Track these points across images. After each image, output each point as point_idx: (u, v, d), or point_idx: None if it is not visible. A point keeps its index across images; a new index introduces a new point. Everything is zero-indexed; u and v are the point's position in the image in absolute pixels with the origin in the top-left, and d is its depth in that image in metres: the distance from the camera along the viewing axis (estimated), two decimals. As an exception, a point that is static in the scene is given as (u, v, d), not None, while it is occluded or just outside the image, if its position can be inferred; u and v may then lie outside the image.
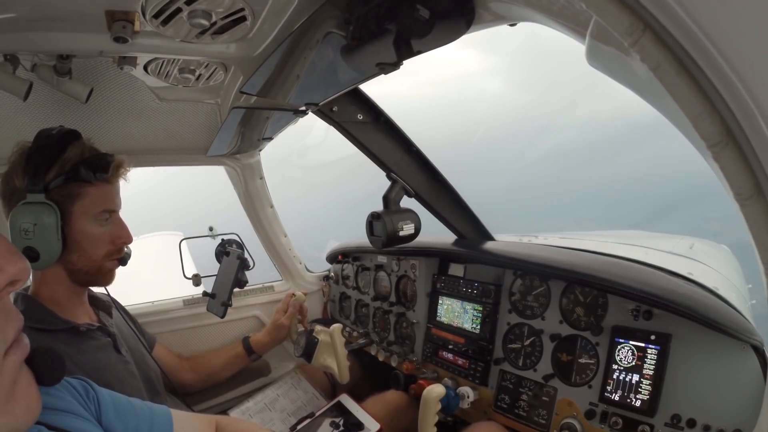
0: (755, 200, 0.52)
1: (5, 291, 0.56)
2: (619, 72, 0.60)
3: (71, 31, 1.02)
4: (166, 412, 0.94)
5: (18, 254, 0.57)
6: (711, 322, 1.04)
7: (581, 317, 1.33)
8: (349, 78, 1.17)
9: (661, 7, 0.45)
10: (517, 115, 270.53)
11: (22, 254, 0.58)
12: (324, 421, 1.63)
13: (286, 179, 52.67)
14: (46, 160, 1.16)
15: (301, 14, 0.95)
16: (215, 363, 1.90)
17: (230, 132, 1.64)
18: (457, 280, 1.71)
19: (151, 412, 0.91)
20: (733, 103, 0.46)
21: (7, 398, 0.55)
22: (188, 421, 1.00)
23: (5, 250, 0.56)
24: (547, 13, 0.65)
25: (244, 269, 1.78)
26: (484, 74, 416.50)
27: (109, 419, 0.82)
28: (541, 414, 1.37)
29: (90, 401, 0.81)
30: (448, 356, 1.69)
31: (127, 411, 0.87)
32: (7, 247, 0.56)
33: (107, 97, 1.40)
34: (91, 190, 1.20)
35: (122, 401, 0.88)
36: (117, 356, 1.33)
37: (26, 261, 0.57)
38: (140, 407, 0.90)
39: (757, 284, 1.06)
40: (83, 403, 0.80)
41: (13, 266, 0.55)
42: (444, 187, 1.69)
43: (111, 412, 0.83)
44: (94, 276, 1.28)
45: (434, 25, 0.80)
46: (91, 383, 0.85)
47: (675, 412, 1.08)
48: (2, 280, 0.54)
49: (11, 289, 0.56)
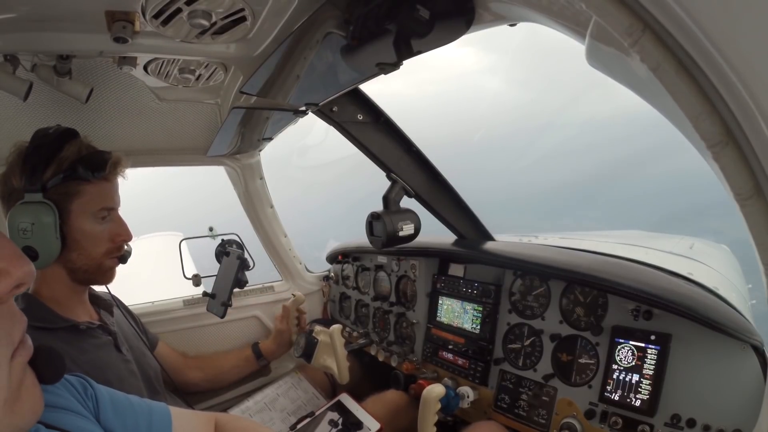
0: (755, 200, 0.52)
1: (11, 294, 0.55)
2: (619, 72, 0.60)
3: (71, 32, 1.01)
4: (165, 410, 0.94)
5: (23, 257, 0.57)
6: (711, 322, 1.04)
7: (581, 317, 1.34)
8: (349, 78, 1.17)
9: (661, 7, 0.45)
10: (517, 114, 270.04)
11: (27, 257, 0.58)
12: (324, 421, 1.63)
13: (286, 179, 52.62)
14: (43, 159, 1.15)
15: (301, 14, 0.95)
16: (224, 364, 1.92)
17: (230, 132, 1.64)
18: (457, 280, 1.71)
19: (149, 409, 0.91)
20: (733, 103, 0.46)
21: (14, 399, 0.56)
22: (187, 419, 0.99)
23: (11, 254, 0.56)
24: (547, 13, 0.65)
25: (244, 269, 1.79)
26: (484, 72, 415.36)
27: (107, 416, 0.82)
28: (541, 414, 1.37)
29: (88, 399, 0.81)
30: (448, 356, 1.69)
31: (126, 408, 0.87)
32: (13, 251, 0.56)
33: (107, 98, 1.40)
34: (89, 188, 1.20)
35: (120, 398, 0.88)
36: (117, 355, 1.33)
37: (31, 264, 0.57)
38: (139, 404, 0.90)
39: (757, 284, 1.06)
40: (81, 400, 0.80)
41: (19, 269, 0.55)
42: (444, 187, 1.69)
43: (109, 409, 0.83)
44: (94, 274, 1.27)
45: (434, 25, 0.80)
46: (89, 380, 0.85)
47: (675, 412, 1.08)
48: (9, 283, 0.54)
49: (16, 292, 0.56)
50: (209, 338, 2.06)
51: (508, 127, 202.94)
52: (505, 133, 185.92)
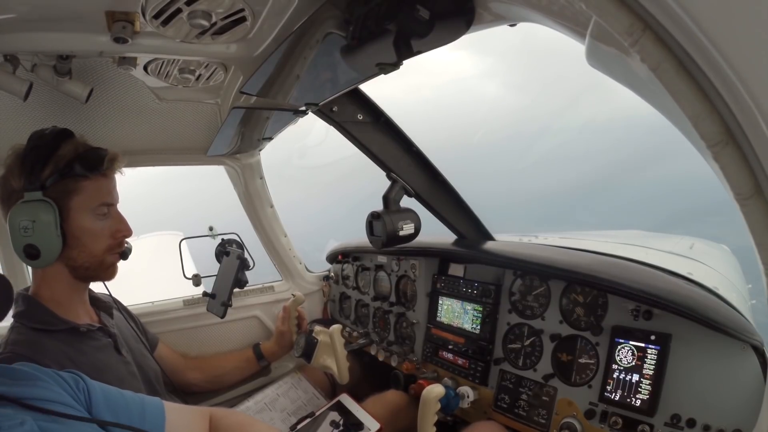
0: (755, 200, 0.52)
1: None
2: (619, 72, 0.60)
3: (71, 32, 1.02)
4: (158, 403, 0.94)
5: None
6: (711, 322, 1.04)
7: (581, 317, 1.34)
8: (349, 78, 1.17)
9: (661, 7, 0.45)
10: (515, 117, 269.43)
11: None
12: (324, 421, 1.63)
13: (286, 179, 52.64)
14: (40, 158, 1.16)
15: (301, 14, 0.95)
16: (224, 366, 1.92)
17: (230, 132, 1.64)
18: (457, 280, 1.71)
19: (142, 403, 0.91)
20: (733, 103, 0.46)
21: None
22: (181, 413, 0.99)
23: None
24: (547, 13, 0.65)
25: (244, 269, 1.78)
26: (482, 77, 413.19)
27: (100, 409, 0.82)
28: (541, 414, 1.37)
29: (80, 391, 0.82)
30: (448, 356, 1.69)
31: (118, 401, 0.87)
32: None
33: (107, 98, 1.41)
34: (87, 184, 1.20)
35: (113, 392, 0.88)
36: (117, 357, 1.33)
37: None
38: (131, 398, 0.91)
39: (757, 284, 1.06)
40: (72, 393, 0.80)
41: None
42: (444, 186, 1.69)
43: (101, 402, 0.83)
44: (95, 271, 1.28)
45: (434, 26, 0.80)
46: (82, 375, 0.85)
47: (675, 412, 1.08)
48: None
49: None
50: (209, 338, 2.06)
51: (508, 130, 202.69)
52: (505, 136, 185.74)
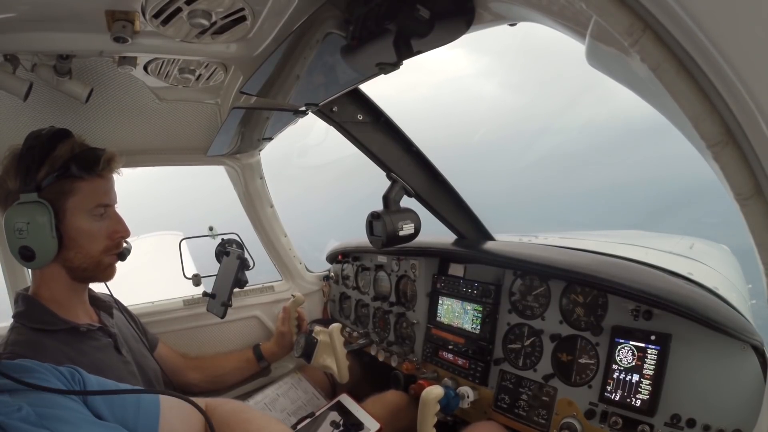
0: (755, 200, 0.52)
1: None
2: (619, 72, 0.60)
3: (71, 31, 1.02)
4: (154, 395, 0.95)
5: None
6: (711, 322, 1.04)
7: (581, 317, 1.33)
8: (349, 78, 1.17)
9: (661, 7, 0.45)
10: (515, 116, 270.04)
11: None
12: (324, 421, 1.63)
13: (286, 179, 52.65)
14: (36, 159, 1.15)
15: (301, 14, 0.95)
16: (224, 366, 1.91)
17: (230, 132, 1.64)
18: (457, 280, 1.71)
19: (137, 395, 0.91)
20: (733, 103, 0.46)
21: None
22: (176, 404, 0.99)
23: None
24: (547, 13, 0.65)
25: (244, 269, 1.78)
26: (479, 75, 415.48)
27: (95, 401, 0.82)
28: (541, 414, 1.37)
29: (75, 383, 0.82)
30: (448, 356, 1.69)
31: None
32: None
33: (107, 97, 1.40)
34: (84, 185, 1.19)
35: (109, 384, 0.89)
36: (117, 357, 1.33)
37: None
38: None
39: (757, 284, 1.06)
40: (68, 384, 0.81)
41: None
42: (444, 186, 1.69)
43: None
44: (93, 272, 1.27)
45: (434, 25, 0.80)
46: (78, 369, 0.85)
47: (675, 412, 1.08)
48: None
49: None
50: (209, 338, 2.06)
51: (507, 129, 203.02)
52: (504, 135, 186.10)
